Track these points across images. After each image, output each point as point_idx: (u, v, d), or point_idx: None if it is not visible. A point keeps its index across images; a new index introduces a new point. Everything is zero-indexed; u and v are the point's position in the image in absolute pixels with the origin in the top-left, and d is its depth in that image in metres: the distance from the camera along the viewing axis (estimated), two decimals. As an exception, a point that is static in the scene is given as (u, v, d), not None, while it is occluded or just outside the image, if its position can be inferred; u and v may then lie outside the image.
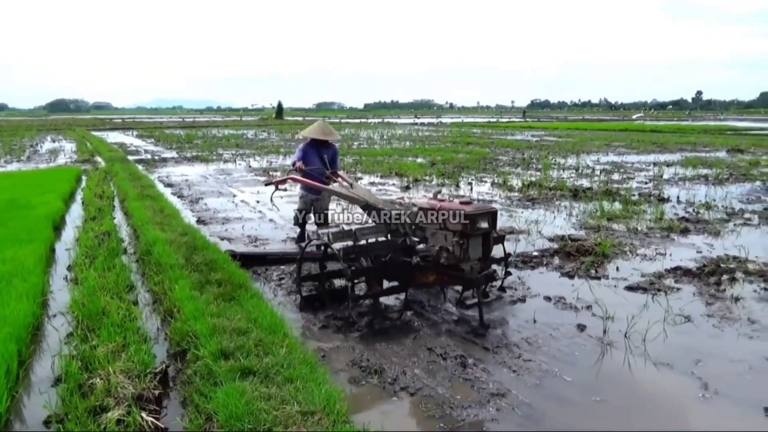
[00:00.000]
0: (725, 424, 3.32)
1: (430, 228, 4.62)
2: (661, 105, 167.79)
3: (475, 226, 4.40)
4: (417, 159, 18.96)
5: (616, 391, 3.73)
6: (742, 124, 51.62)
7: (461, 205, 4.47)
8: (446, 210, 4.45)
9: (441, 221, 4.49)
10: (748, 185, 12.91)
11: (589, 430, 3.30)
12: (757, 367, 3.99)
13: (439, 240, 4.57)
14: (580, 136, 33.11)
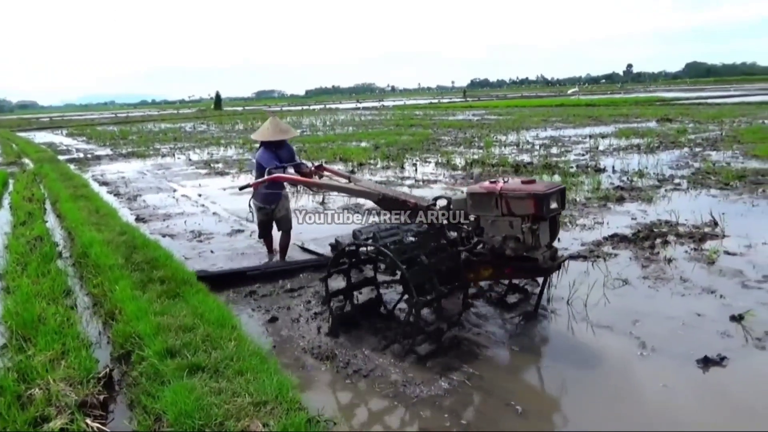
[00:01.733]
0: (663, 378, 3.50)
1: (487, 216, 3.86)
2: (594, 79, 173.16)
3: (548, 208, 3.74)
4: (361, 143, 18.92)
5: (562, 356, 3.88)
6: (670, 94, 53.95)
7: (526, 185, 3.81)
8: (512, 193, 3.74)
9: (504, 206, 3.77)
10: (677, 152, 13.54)
11: (539, 394, 3.41)
12: (689, 323, 4.22)
13: (502, 228, 3.83)
14: (520, 113, 33.84)
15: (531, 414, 3.21)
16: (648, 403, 3.26)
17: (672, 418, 3.11)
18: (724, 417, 3.14)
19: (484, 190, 3.85)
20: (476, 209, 3.92)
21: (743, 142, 14.56)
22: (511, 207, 3.75)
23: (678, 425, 3.06)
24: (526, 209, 3.70)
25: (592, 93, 70.04)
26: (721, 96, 44.11)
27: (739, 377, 3.52)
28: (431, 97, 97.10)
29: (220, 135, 27.53)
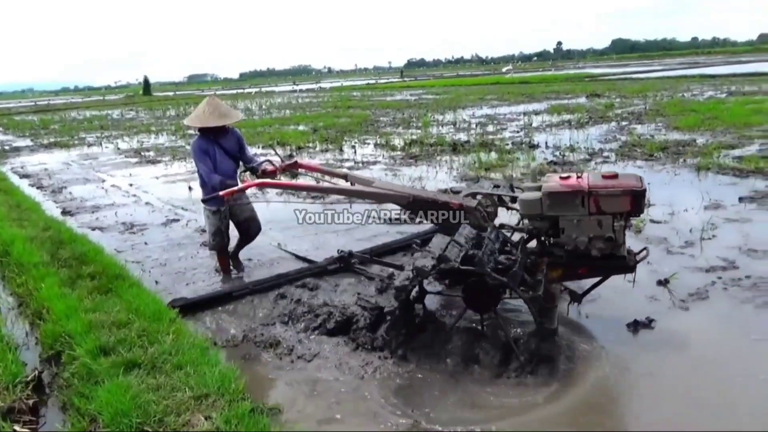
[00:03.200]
0: (599, 341, 3.66)
1: (570, 216, 3.53)
2: (527, 57, 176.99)
3: (643, 205, 3.54)
4: (299, 127, 18.64)
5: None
6: (598, 70, 55.83)
7: (611, 179, 3.51)
8: (604, 190, 3.43)
9: (593, 205, 3.46)
10: (605, 126, 14.07)
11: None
12: (620, 289, 4.36)
13: (588, 228, 3.51)
14: (456, 92, 34.20)
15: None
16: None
17: (606, 377, 3.27)
18: (653, 376, 3.31)
19: (569, 189, 3.49)
20: (555, 209, 3.54)
21: (665, 115, 15.28)
22: (601, 205, 3.45)
23: (613, 384, 3.21)
24: (620, 207, 3.45)
25: (525, 71, 71.59)
26: (645, 71, 46.07)
27: (665, 337, 3.71)
28: (369, 78, 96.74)
29: (151, 122, 26.47)
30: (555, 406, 3.04)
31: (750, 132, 11.44)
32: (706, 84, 26.76)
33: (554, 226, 3.62)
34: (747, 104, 16.26)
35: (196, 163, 4.78)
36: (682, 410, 3.00)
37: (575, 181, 3.53)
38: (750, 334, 3.71)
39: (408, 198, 3.99)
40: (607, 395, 3.20)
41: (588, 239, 3.52)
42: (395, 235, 6.21)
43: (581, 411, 3.01)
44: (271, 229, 6.41)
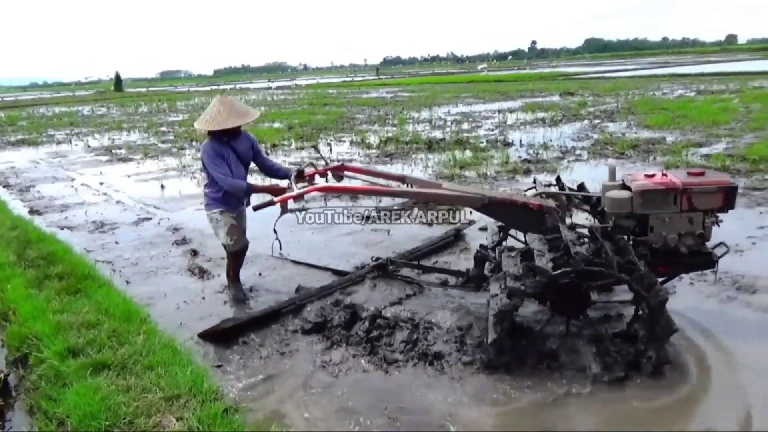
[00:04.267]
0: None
1: (662, 213, 3.49)
2: (502, 56, 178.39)
3: (735, 201, 3.54)
4: (273, 124, 18.50)
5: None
6: (571, 69, 56.58)
7: (702, 176, 3.54)
8: (698, 188, 3.44)
9: (685, 202, 3.45)
10: (578, 124, 14.27)
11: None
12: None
13: (678, 226, 3.50)
14: (432, 89, 34.31)
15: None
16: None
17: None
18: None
19: (663, 186, 3.46)
20: (647, 207, 3.49)
21: (636, 113, 15.56)
22: (694, 202, 3.46)
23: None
24: (713, 203, 3.47)
25: (500, 69, 72.23)
26: (617, 70, 46.87)
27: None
28: (344, 75, 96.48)
29: (122, 119, 25.99)
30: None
31: (717, 130, 11.71)
32: (676, 83, 27.33)
33: (642, 223, 3.57)
34: (715, 103, 16.65)
35: (209, 168, 4.18)
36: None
37: (667, 179, 3.52)
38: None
39: (483, 200, 3.79)
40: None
41: (678, 236, 3.50)
42: (370, 233, 6.22)
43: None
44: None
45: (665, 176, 3.53)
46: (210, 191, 4.37)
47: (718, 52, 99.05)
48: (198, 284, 5.03)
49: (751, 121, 12.58)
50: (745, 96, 18.38)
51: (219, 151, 4.22)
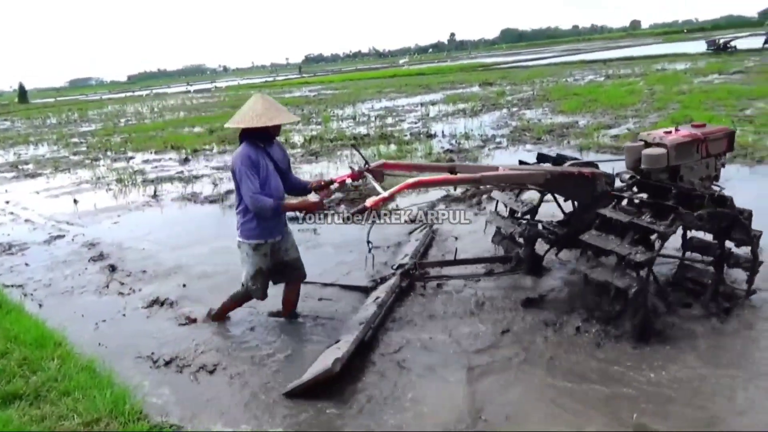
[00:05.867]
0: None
1: (689, 162, 3.90)
2: (423, 49, 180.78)
3: (734, 143, 4.21)
4: (194, 129, 17.94)
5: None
6: (490, 60, 58.11)
7: (700, 128, 4.01)
8: (712, 135, 3.95)
9: (704, 150, 3.92)
10: (498, 113, 14.71)
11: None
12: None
13: (700, 170, 3.98)
14: (355, 86, 34.35)
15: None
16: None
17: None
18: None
19: (691, 138, 3.86)
20: (680, 158, 3.84)
21: (551, 99, 16.20)
22: (710, 149, 3.94)
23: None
24: (721, 148, 4.03)
25: (422, 62, 73.17)
26: (532, 59, 48.51)
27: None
28: (266, 75, 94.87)
29: (29, 132, 24.41)
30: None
31: (625, 112, 12.39)
32: (587, 69, 28.66)
33: (673, 174, 3.88)
34: (622, 86, 17.60)
35: (240, 179, 3.54)
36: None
37: (688, 132, 3.91)
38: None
39: (545, 175, 3.92)
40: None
41: (700, 180, 3.94)
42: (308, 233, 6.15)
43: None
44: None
45: (678, 131, 3.92)
46: (244, 216, 3.69)
47: (624, 37, 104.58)
48: (118, 301, 4.81)
49: (655, 102, 13.39)
50: (649, 79, 19.53)
51: (255, 159, 3.57)
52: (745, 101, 12.13)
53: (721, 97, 12.65)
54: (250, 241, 3.71)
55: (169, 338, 4.02)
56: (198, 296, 4.73)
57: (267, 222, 3.67)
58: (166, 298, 4.70)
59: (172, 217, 7.47)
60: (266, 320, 4.15)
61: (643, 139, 3.96)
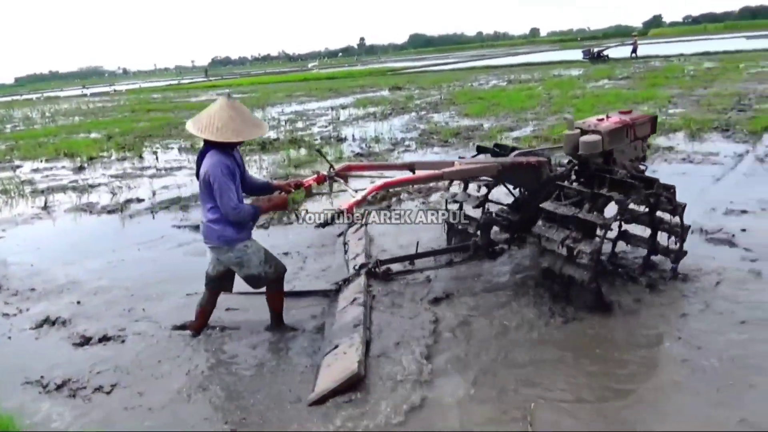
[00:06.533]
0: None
1: (621, 146, 4.26)
2: (332, 53, 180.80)
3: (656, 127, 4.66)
4: (90, 134, 16.86)
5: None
6: (399, 64, 59.20)
7: (627, 114, 4.42)
8: (639, 120, 4.37)
9: (632, 134, 4.32)
10: (407, 116, 14.96)
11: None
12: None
13: (630, 152, 4.38)
14: (264, 89, 33.74)
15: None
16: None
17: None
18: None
19: (619, 124, 4.22)
20: (613, 143, 4.16)
21: (457, 103, 16.70)
22: (637, 132, 4.34)
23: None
24: (646, 131, 4.46)
25: (332, 66, 73.19)
26: (440, 64, 49.87)
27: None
28: (170, 78, 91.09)
29: None
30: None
31: (525, 115, 13.01)
32: (491, 74, 29.84)
33: (607, 158, 4.21)
34: (523, 90, 18.47)
35: (222, 192, 3.33)
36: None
37: (618, 119, 4.29)
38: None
39: (498, 167, 4.16)
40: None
41: (630, 161, 4.34)
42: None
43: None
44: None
45: (609, 118, 4.32)
46: (223, 224, 3.47)
47: (524, 44, 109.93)
48: (2, 324, 4.40)
49: (552, 105, 14.16)
50: (547, 83, 20.64)
51: (232, 168, 3.39)
52: (632, 105, 13.10)
53: (610, 101, 13.58)
54: (241, 240, 3.56)
55: (61, 360, 3.74)
56: (94, 313, 4.44)
57: (247, 225, 3.59)
58: (58, 316, 4.37)
59: (66, 229, 6.98)
60: (169, 334, 3.97)
61: (579, 127, 4.26)
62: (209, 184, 3.36)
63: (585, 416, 2.83)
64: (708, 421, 2.73)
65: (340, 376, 3.09)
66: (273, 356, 3.61)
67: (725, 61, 25.10)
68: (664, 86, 16.61)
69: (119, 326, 4.15)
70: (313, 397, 3.05)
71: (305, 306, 4.26)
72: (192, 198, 7.72)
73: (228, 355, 3.66)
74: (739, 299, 3.84)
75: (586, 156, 4.11)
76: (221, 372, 3.46)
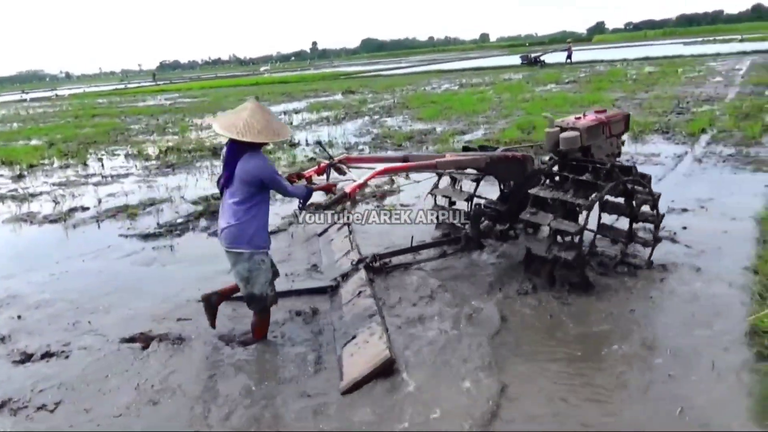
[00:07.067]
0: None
1: (597, 142, 4.55)
2: (285, 57, 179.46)
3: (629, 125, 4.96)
4: (30, 141, 16.15)
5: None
6: (352, 68, 59.18)
7: (602, 113, 4.68)
8: (614, 118, 4.67)
9: (608, 131, 4.61)
10: (360, 121, 14.97)
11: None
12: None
13: (606, 148, 4.65)
14: (215, 94, 33.13)
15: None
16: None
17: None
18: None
19: (595, 122, 4.50)
20: (590, 139, 4.44)
21: (410, 107, 16.83)
22: (612, 129, 4.64)
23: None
24: (620, 128, 4.75)
25: (284, 70, 72.58)
26: (392, 68, 50.21)
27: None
28: (117, 83, 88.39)
29: None
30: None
31: (477, 119, 13.22)
32: (443, 78, 30.25)
33: (585, 153, 4.50)
34: (474, 95, 18.77)
35: (276, 183, 3.48)
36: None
37: (595, 117, 4.59)
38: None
39: (486, 159, 4.48)
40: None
41: (606, 156, 4.61)
42: (151, 251, 5.76)
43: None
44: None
45: (585, 116, 4.63)
46: (254, 226, 3.48)
47: (474, 49, 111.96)
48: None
49: (503, 109, 14.44)
50: (498, 87, 21.05)
51: (271, 163, 3.62)
52: (578, 108, 13.51)
53: (558, 105, 13.97)
54: (265, 249, 3.58)
55: (0, 379, 3.56)
56: (36, 328, 4.24)
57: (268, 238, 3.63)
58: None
59: (4, 240, 6.65)
60: (118, 347, 3.83)
61: (558, 125, 4.55)
62: (255, 183, 3.39)
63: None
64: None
65: (374, 362, 3.19)
66: (227, 367, 3.53)
67: (665, 65, 26.20)
68: (609, 90, 17.21)
69: (63, 341, 3.98)
70: (346, 385, 3.14)
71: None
72: (140, 205, 7.50)
73: (179, 367, 3.55)
74: (679, 293, 4.01)
75: (566, 151, 4.39)
76: (172, 385, 3.36)
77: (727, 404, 2.87)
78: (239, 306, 4.04)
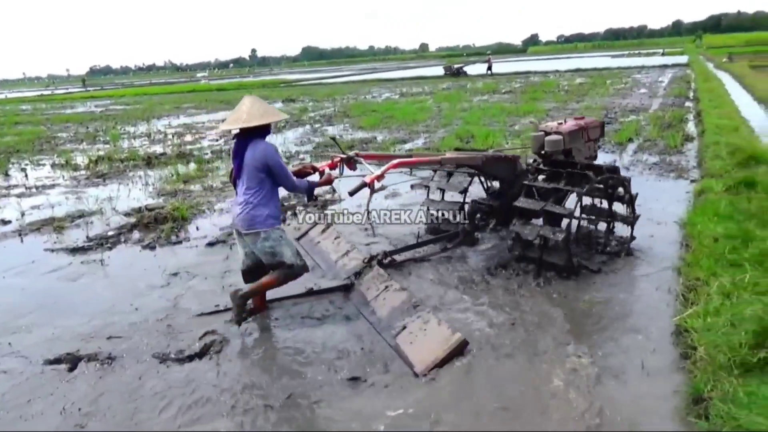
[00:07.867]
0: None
1: (577, 145, 5.10)
2: (223, 64, 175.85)
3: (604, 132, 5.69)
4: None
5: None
6: (292, 76, 58.78)
7: (581, 119, 5.31)
8: (591, 124, 5.31)
9: (586, 135, 5.19)
10: (301, 129, 14.85)
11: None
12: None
13: (585, 151, 5.20)
14: (149, 101, 32.09)
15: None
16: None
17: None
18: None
19: (576, 127, 5.08)
20: (572, 143, 5.00)
21: (351, 116, 16.85)
22: (590, 134, 5.25)
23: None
24: (597, 134, 5.42)
25: (222, 77, 71.18)
26: (333, 76, 50.17)
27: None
28: (42, 88, 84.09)
29: None
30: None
31: (417, 127, 13.37)
32: (383, 87, 30.51)
33: (566, 156, 5.03)
34: (414, 104, 19.00)
35: (281, 168, 3.77)
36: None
37: (575, 122, 5.18)
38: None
39: (482, 158, 4.81)
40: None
41: (585, 159, 5.17)
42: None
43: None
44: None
45: (567, 122, 5.19)
46: (267, 206, 3.81)
47: (414, 58, 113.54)
48: None
49: (442, 118, 14.68)
50: (437, 97, 21.41)
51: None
52: (514, 118, 13.92)
53: (495, 114, 14.34)
54: (279, 225, 3.89)
55: None
56: None
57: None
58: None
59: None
60: (41, 369, 3.60)
61: (543, 129, 5.10)
62: (264, 169, 3.72)
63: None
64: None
65: (449, 344, 3.44)
66: (158, 383, 3.38)
67: (594, 77, 27.43)
68: (543, 100, 17.82)
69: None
70: (424, 369, 3.32)
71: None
72: (68, 218, 7.13)
73: (109, 388, 3.38)
74: (617, 291, 4.18)
75: (551, 153, 4.92)
76: (102, 408, 3.19)
77: (656, 404, 2.99)
78: (174, 322, 3.89)
